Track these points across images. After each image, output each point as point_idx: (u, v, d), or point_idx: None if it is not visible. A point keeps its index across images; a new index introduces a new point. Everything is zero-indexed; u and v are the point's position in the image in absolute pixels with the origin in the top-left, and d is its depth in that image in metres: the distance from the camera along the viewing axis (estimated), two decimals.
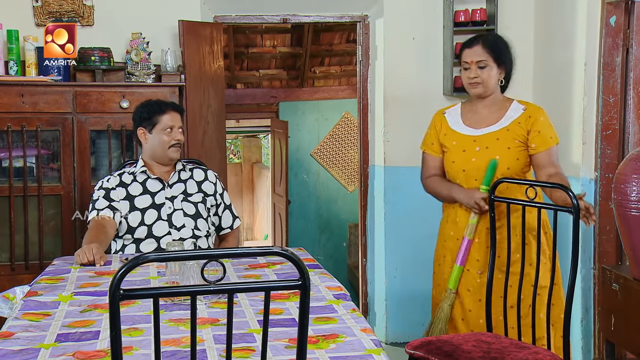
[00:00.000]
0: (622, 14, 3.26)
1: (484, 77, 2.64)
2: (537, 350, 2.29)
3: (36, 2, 3.63)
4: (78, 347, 1.65)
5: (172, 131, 2.84)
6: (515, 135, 2.66)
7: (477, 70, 2.64)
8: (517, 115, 2.69)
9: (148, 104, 2.91)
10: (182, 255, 1.28)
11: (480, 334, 2.44)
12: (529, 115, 2.68)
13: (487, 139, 2.68)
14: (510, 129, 2.67)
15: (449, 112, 2.80)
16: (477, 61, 2.64)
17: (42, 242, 3.42)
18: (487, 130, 2.68)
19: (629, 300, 2.72)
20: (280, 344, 1.66)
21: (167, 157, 2.87)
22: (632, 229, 2.64)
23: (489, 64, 2.64)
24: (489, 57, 2.64)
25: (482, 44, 2.65)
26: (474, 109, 2.74)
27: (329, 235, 7.42)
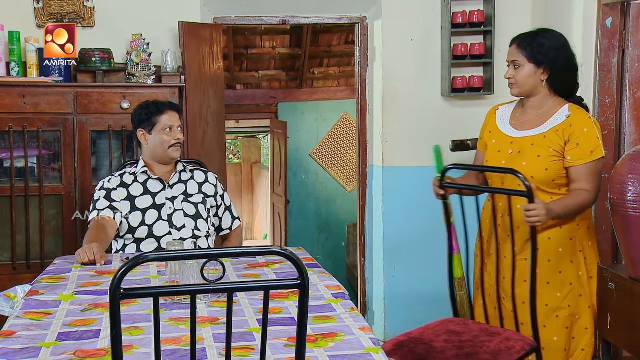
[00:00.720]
0: (618, 15, 3.28)
1: (518, 78, 2.53)
2: (507, 336, 2.27)
3: (37, 3, 3.65)
4: (79, 345, 1.66)
5: (171, 131, 2.86)
6: (550, 143, 2.51)
7: (512, 70, 2.55)
8: (560, 122, 2.53)
9: (146, 105, 2.92)
10: (182, 254, 1.30)
11: (449, 322, 2.42)
12: (571, 123, 2.50)
13: (523, 143, 2.56)
14: (548, 135, 2.53)
15: (502, 109, 2.71)
16: (512, 61, 2.55)
17: (43, 241, 3.45)
18: (526, 133, 2.57)
19: (625, 299, 2.74)
20: (279, 343, 1.67)
21: (168, 157, 2.88)
22: (628, 229, 2.66)
23: (522, 63, 2.52)
24: (522, 57, 2.51)
25: (518, 42, 2.54)
26: (523, 110, 2.63)
27: (327, 235, 7.44)
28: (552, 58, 2.49)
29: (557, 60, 2.49)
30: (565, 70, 2.53)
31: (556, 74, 2.50)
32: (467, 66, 3.99)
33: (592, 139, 2.48)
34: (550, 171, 2.51)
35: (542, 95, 2.55)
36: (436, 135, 3.72)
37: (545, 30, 2.58)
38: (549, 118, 2.54)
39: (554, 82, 2.52)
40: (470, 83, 3.97)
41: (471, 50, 3.94)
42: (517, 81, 2.53)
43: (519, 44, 2.53)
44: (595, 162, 2.49)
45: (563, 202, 2.46)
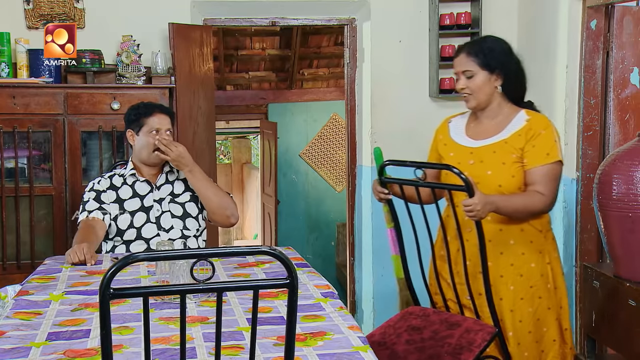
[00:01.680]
0: (603, 17, 3.32)
1: (473, 88, 2.38)
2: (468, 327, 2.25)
3: (27, 4, 3.65)
4: (69, 345, 1.66)
5: (157, 134, 2.82)
6: (513, 148, 2.38)
7: (465, 80, 2.39)
8: (519, 126, 2.40)
9: (137, 106, 2.91)
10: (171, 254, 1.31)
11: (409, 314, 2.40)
12: (530, 127, 2.38)
13: (483, 152, 2.42)
14: (509, 141, 2.39)
15: (455, 121, 2.57)
16: (463, 71, 2.39)
17: (33, 241, 3.45)
18: (485, 142, 2.43)
19: (610, 298, 2.78)
20: (268, 342, 1.68)
21: (151, 160, 2.86)
22: (612, 228, 2.69)
23: (475, 72, 2.37)
24: (475, 65, 2.37)
25: (467, 51, 2.40)
26: (477, 120, 2.49)
27: (317, 235, 7.46)
28: (503, 62, 2.38)
29: (508, 64, 2.39)
30: (517, 74, 2.42)
31: (509, 78, 2.39)
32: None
33: (548, 141, 2.36)
34: (517, 178, 2.37)
35: (497, 102, 2.42)
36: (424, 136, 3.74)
37: (490, 36, 2.49)
38: (507, 124, 2.41)
39: (508, 88, 2.41)
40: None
41: None
42: (473, 91, 2.38)
43: (468, 52, 2.39)
44: (551, 165, 2.34)
45: (509, 197, 2.33)
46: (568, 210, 3.50)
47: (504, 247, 2.42)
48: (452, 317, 2.36)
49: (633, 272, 2.66)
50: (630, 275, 2.67)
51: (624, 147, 2.73)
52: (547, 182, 2.34)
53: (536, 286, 2.45)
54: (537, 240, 2.45)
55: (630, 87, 3.36)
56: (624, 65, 3.35)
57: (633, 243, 2.63)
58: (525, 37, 3.96)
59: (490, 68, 2.37)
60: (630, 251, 2.65)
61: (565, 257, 3.52)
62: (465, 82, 2.39)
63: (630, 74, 3.36)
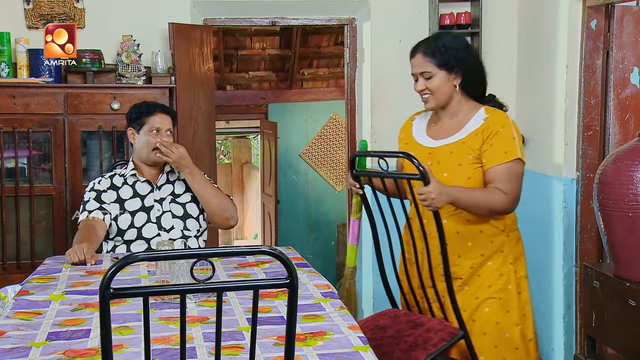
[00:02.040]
0: (603, 17, 3.32)
1: (432, 89, 2.31)
2: (430, 326, 2.23)
3: (27, 4, 3.66)
4: (69, 345, 1.66)
5: (158, 133, 2.83)
6: (470, 149, 2.31)
7: (424, 81, 2.33)
8: (477, 126, 2.32)
9: (139, 105, 2.91)
10: (171, 254, 1.31)
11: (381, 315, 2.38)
12: (487, 125, 2.30)
13: (441, 152, 2.36)
14: (466, 141, 2.32)
15: (419, 118, 2.52)
16: (421, 72, 2.33)
17: (33, 241, 3.45)
18: (443, 141, 2.37)
19: (610, 297, 2.78)
20: (268, 342, 1.68)
21: (150, 160, 2.87)
22: (612, 228, 2.70)
23: (433, 72, 2.30)
24: (432, 66, 2.30)
25: (424, 50, 2.32)
26: (437, 118, 2.43)
27: (317, 235, 7.46)
28: (461, 60, 2.30)
29: (466, 61, 2.32)
30: (476, 70, 2.35)
31: (468, 76, 2.32)
32: None
33: (506, 138, 2.27)
34: (474, 179, 2.30)
35: (457, 101, 2.35)
36: None
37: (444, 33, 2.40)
38: (466, 123, 2.34)
39: (467, 85, 2.34)
40: None
41: None
42: (432, 92, 2.31)
43: (424, 53, 2.31)
44: (510, 163, 2.26)
45: (469, 190, 2.26)
46: (568, 210, 3.50)
47: (462, 249, 2.36)
48: (420, 318, 2.33)
49: (633, 272, 2.66)
50: (630, 275, 2.67)
51: (624, 147, 2.73)
52: (507, 180, 2.25)
53: (495, 286, 2.37)
54: (498, 240, 2.38)
55: (631, 87, 3.36)
56: (624, 65, 3.35)
57: (633, 243, 2.63)
58: (525, 37, 3.96)
59: (448, 67, 2.30)
60: (630, 251, 2.65)
61: (565, 257, 3.52)
62: (424, 83, 2.33)
63: (630, 73, 3.36)
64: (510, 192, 2.26)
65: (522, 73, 4.01)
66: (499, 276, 2.38)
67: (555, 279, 3.60)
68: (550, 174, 3.64)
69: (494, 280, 2.37)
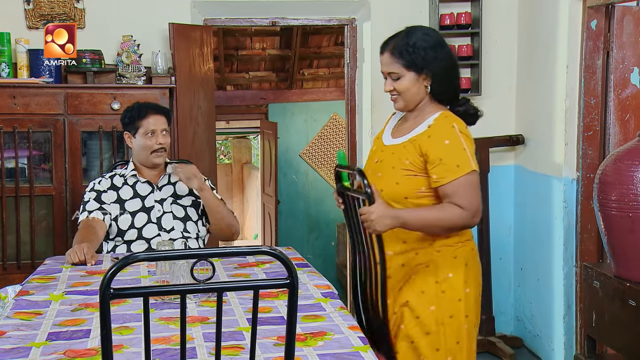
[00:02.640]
0: (603, 17, 3.32)
1: (400, 90, 2.15)
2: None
3: (28, 4, 3.66)
4: (69, 345, 1.66)
5: (154, 135, 2.81)
6: (407, 154, 2.15)
7: (392, 82, 2.17)
8: (420, 131, 2.16)
9: (131, 108, 2.88)
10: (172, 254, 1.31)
11: None
12: (429, 134, 2.12)
13: (387, 152, 2.23)
14: (407, 146, 2.17)
15: (396, 115, 2.36)
16: (388, 73, 2.18)
17: (33, 242, 3.45)
18: (394, 141, 2.23)
19: (610, 298, 2.79)
20: (269, 342, 1.68)
21: (150, 162, 2.86)
22: (613, 228, 2.70)
23: (400, 73, 2.14)
24: (399, 66, 2.14)
25: (391, 49, 2.15)
26: (405, 117, 2.28)
27: (317, 235, 7.46)
28: (431, 60, 2.12)
29: (437, 60, 2.12)
30: (447, 72, 2.16)
31: (439, 76, 2.14)
32: None
33: (456, 151, 2.09)
34: (402, 186, 2.14)
35: (424, 102, 2.19)
36: None
37: (416, 29, 2.17)
38: (417, 127, 2.18)
39: (438, 87, 2.16)
40: None
41: (459, 51, 3.98)
42: (400, 93, 2.16)
43: (392, 52, 2.14)
44: (465, 176, 2.07)
45: (419, 211, 2.11)
46: (568, 210, 3.50)
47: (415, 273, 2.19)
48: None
49: (633, 272, 2.66)
50: (630, 275, 2.67)
51: (624, 147, 2.74)
52: (463, 194, 2.07)
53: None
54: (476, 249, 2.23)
55: (631, 87, 3.37)
56: (624, 65, 3.35)
57: (633, 243, 2.64)
58: (525, 37, 3.96)
59: (416, 68, 2.13)
60: (630, 251, 2.66)
61: (565, 257, 3.53)
62: (392, 83, 2.17)
63: (631, 74, 3.36)
64: (469, 206, 2.08)
65: (522, 73, 4.01)
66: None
67: (555, 279, 3.60)
68: (550, 174, 3.64)
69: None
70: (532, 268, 3.90)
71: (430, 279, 2.15)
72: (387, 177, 2.18)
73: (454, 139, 2.10)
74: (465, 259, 2.17)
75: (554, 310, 3.62)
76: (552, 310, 3.63)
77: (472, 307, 2.18)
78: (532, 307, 3.91)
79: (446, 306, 2.14)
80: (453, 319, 2.14)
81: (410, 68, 2.13)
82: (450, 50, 2.18)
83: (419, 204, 2.14)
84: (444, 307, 2.14)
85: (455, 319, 2.14)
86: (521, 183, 4.04)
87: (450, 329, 2.14)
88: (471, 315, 2.17)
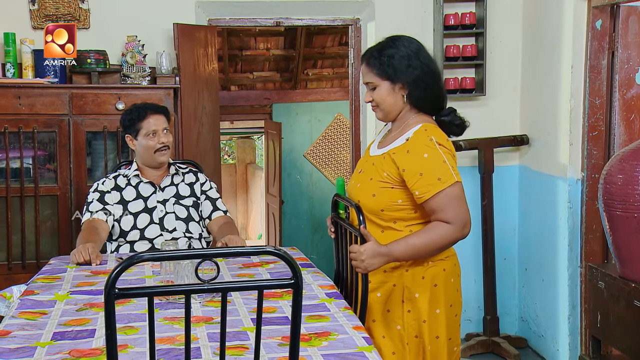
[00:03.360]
0: (608, 17, 3.31)
1: (377, 100, 2.15)
2: None
3: (33, 5, 3.67)
4: (74, 345, 1.67)
5: (155, 135, 2.82)
6: (385, 166, 2.14)
7: (370, 92, 2.18)
8: (399, 144, 2.14)
9: (130, 110, 2.89)
10: (176, 254, 1.31)
11: None
12: (408, 149, 2.10)
13: (369, 162, 2.22)
14: (386, 157, 2.15)
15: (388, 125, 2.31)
16: (366, 83, 2.18)
17: (38, 241, 3.46)
18: (377, 152, 2.22)
19: (615, 298, 2.78)
20: (273, 342, 1.68)
21: (155, 162, 2.87)
22: (618, 229, 2.69)
23: (376, 83, 2.14)
24: (374, 76, 2.13)
25: (367, 60, 2.16)
26: (392, 127, 2.26)
27: (321, 235, 7.46)
28: (404, 69, 2.10)
29: (410, 69, 2.11)
30: (422, 80, 2.12)
31: (414, 86, 2.12)
32: (459, 67, 4.02)
33: (435, 164, 2.05)
34: (378, 198, 2.12)
35: (404, 112, 2.17)
36: None
37: (394, 39, 2.16)
38: (397, 139, 2.16)
39: (415, 97, 2.13)
40: (463, 84, 4.00)
41: (463, 52, 3.98)
42: (378, 103, 2.15)
43: (367, 62, 2.15)
44: (448, 189, 2.04)
45: (407, 240, 2.08)
46: (573, 210, 3.50)
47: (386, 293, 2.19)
48: None
49: (638, 272, 2.65)
50: (635, 276, 2.67)
51: (629, 148, 2.73)
52: (449, 208, 2.05)
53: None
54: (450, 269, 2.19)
55: (636, 87, 3.36)
56: (630, 65, 3.34)
57: (638, 244, 2.63)
58: (530, 37, 3.95)
59: (390, 78, 2.12)
60: (635, 252, 2.65)
61: (570, 258, 3.52)
62: (370, 94, 2.17)
63: (636, 74, 3.35)
64: (455, 219, 2.05)
65: (526, 73, 4.00)
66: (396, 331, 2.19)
67: (560, 280, 3.59)
68: (555, 175, 3.64)
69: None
70: (537, 268, 3.90)
71: (397, 299, 2.16)
72: (364, 188, 2.17)
73: (433, 152, 2.06)
74: (433, 280, 2.14)
75: (559, 311, 3.61)
76: (557, 311, 3.63)
77: (443, 328, 2.15)
78: (537, 308, 3.90)
79: (411, 326, 2.14)
80: (418, 340, 2.14)
81: (384, 77, 2.12)
82: (427, 60, 2.15)
83: (397, 217, 2.13)
84: (409, 327, 2.14)
85: (420, 339, 2.14)
86: (526, 183, 4.04)
87: (415, 350, 2.14)
88: (442, 336, 2.15)
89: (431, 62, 2.16)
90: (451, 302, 2.18)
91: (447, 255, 2.17)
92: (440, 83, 2.19)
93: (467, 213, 2.09)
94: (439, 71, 2.20)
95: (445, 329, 2.15)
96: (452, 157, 2.11)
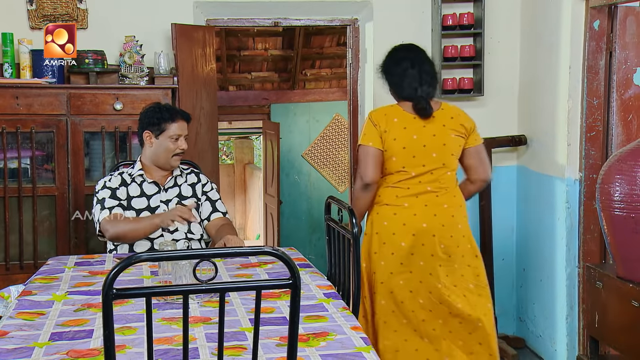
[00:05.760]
0: (606, 18, 3.31)
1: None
2: None
3: (30, 5, 3.66)
4: (72, 345, 1.67)
5: (177, 140, 2.85)
6: None
7: None
8: None
9: (159, 109, 2.89)
10: (174, 254, 1.31)
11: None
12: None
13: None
14: None
15: None
16: None
17: (36, 242, 3.45)
18: None
19: (612, 298, 2.78)
20: (271, 342, 1.69)
21: (169, 165, 2.88)
22: (615, 229, 2.70)
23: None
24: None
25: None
26: None
27: (320, 235, 7.46)
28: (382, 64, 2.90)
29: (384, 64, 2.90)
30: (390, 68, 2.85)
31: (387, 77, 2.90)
32: (457, 68, 4.02)
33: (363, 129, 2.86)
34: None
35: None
36: None
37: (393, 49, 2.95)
38: None
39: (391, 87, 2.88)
40: (461, 84, 4.00)
41: (461, 52, 3.98)
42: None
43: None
44: (358, 149, 2.85)
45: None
46: (571, 211, 3.50)
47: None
48: None
49: (636, 273, 2.66)
50: (633, 276, 2.67)
51: (627, 148, 2.73)
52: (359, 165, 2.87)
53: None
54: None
55: (634, 88, 3.36)
56: (627, 65, 3.35)
57: (636, 244, 2.63)
58: (528, 37, 3.95)
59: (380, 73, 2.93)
60: (633, 252, 2.65)
61: (568, 258, 3.52)
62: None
63: (634, 74, 3.36)
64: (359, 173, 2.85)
65: (524, 74, 4.01)
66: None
67: (558, 280, 3.60)
68: (553, 175, 3.64)
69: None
70: (535, 269, 3.90)
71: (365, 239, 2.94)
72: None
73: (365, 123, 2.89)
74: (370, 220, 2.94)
75: (557, 311, 3.61)
76: (555, 311, 3.63)
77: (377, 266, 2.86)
78: (535, 308, 3.90)
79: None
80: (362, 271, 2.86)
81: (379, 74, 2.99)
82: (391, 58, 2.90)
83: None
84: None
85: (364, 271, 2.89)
86: (524, 183, 4.04)
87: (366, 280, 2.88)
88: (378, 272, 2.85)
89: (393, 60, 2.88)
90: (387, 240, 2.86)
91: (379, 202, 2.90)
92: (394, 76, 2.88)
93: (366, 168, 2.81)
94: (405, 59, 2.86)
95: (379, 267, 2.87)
96: (374, 126, 2.81)
